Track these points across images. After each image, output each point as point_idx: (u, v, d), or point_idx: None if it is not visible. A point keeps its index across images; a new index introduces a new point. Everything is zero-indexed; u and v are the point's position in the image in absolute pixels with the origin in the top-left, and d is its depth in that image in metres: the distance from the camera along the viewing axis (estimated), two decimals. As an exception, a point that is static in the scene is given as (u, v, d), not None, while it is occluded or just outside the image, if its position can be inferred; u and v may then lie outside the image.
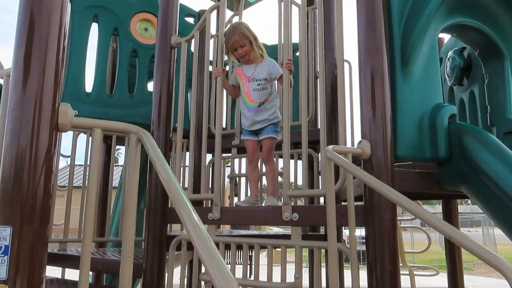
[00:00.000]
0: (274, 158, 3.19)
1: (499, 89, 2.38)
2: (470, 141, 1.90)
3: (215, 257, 0.84)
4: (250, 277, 2.51)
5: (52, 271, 2.94)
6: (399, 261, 1.89)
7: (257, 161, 2.80)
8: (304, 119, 2.19)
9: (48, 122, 1.27)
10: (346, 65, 3.75)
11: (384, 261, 1.76)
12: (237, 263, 2.40)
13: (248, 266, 2.27)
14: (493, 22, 2.28)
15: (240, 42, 2.62)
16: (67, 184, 3.15)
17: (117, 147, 3.86)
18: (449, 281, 3.64)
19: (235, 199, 4.36)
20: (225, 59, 3.85)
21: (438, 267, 6.55)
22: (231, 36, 2.62)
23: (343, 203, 2.42)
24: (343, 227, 3.27)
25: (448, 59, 3.03)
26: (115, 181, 5.18)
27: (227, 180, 4.51)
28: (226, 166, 4.92)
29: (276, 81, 2.69)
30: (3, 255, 1.15)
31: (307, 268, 3.82)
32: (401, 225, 5.74)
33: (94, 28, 3.50)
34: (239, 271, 2.36)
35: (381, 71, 1.94)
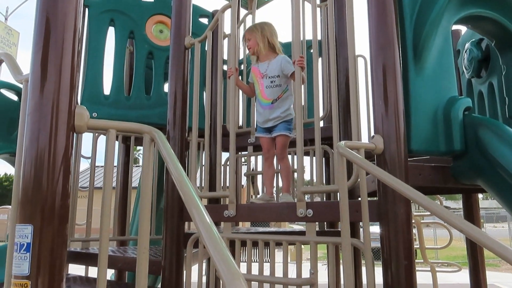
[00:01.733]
0: (289, 156, 3.20)
1: (517, 80, 2.33)
2: (486, 134, 1.86)
3: (222, 252, 0.86)
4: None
5: (76, 269, 3.04)
6: (415, 256, 1.87)
7: (272, 158, 2.82)
8: (317, 115, 2.19)
9: (65, 124, 1.32)
10: (361, 60, 3.72)
11: (399, 256, 1.75)
12: (254, 260, 2.42)
13: (265, 263, 2.29)
14: (509, 11, 2.22)
15: (247, 36, 2.77)
16: (89, 185, 3.25)
17: (138, 148, 3.95)
18: (471, 277, 3.58)
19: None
20: (240, 58, 3.89)
21: (461, 264, 6.42)
22: (245, 30, 2.82)
23: (359, 198, 2.42)
24: (360, 224, 3.27)
25: (466, 51, 2.97)
26: (136, 182, 5.30)
27: (244, 178, 4.55)
28: (243, 164, 4.96)
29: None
30: (25, 252, 1.21)
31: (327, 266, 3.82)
32: (423, 221, 5.64)
33: (111, 32, 3.59)
34: (255, 268, 2.39)
35: (393, 65, 1.93)
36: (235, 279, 0.76)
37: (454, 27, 3.16)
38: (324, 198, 3.34)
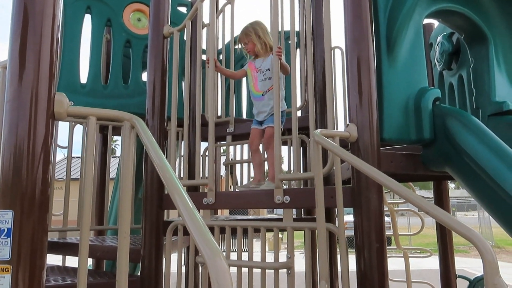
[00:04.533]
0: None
1: (483, 72, 2.44)
2: (453, 123, 1.96)
3: (203, 232, 0.91)
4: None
5: (53, 259, 3.03)
6: (389, 243, 1.97)
7: (255, 148, 2.91)
8: (294, 105, 2.25)
9: (45, 111, 1.33)
10: (338, 51, 3.80)
11: (371, 240, 1.84)
12: (232, 250, 2.48)
13: (243, 253, 2.35)
14: (478, 7, 2.33)
15: (243, 40, 2.86)
16: (65, 176, 3.22)
17: (114, 138, 3.92)
18: (440, 262, 3.74)
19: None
20: (219, 48, 3.90)
21: (433, 250, 6.67)
22: (240, 34, 2.88)
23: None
24: (335, 213, 3.36)
25: (438, 44, 3.08)
26: (113, 173, 5.25)
27: (224, 168, 4.59)
28: (222, 155, 4.99)
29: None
30: (6, 237, 1.22)
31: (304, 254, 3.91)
32: (397, 208, 5.83)
33: (87, 19, 3.53)
34: (234, 257, 2.44)
35: (367, 57, 2.00)
36: (216, 256, 0.81)
37: (428, 20, 3.28)
38: (302, 186, 3.42)
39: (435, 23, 3.58)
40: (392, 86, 2.08)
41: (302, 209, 3.84)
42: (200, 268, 2.82)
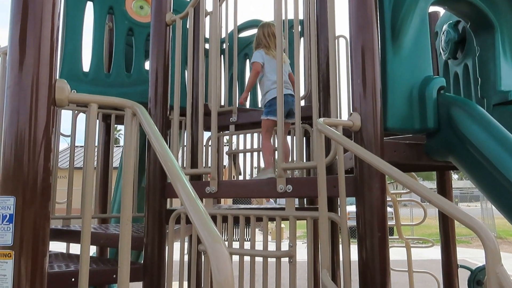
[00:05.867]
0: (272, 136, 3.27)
1: (489, 61, 2.41)
2: (457, 112, 1.94)
3: (204, 219, 0.91)
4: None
5: (57, 246, 3.05)
6: (392, 233, 1.96)
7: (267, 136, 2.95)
8: (297, 95, 2.23)
9: (46, 98, 1.32)
10: (343, 40, 3.76)
11: (373, 229, 1.83)
12: (235, 240, 2.49)
13: (245, 242, 2.36)
14: (484, -6, 2.29)
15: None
16: (68, 166, 3.23)
17: (118, 127, 3.92)
18: (442, 252, 3.74)
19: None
20: (222, 37, 3.87)
21: (435, 241, 6.68)
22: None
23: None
24: (338, 203, 3.36)
25: (443, 33, 3.03)
26: (116, 162, 5.26)
27: (226, 157, 4.59)
28: (225, 145, 4.99)
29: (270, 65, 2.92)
30: (8, 223, 1.23)
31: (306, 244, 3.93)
32: (399, 198, 5.83)
33: (89, 7, 3.50)
34: (236, 246, 2.45)
35: (371, 45, 1.97)
36: (216, 242, 0.80)
37: (433, 8, 3.23)
38: (304, 176, 3.42)
39: (441, 11, 3.53)
40: (396, 74, 2.05)
41: (305, 199, 3.84)
42: (202, 257, 2.84)
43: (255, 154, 3.99)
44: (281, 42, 2.23)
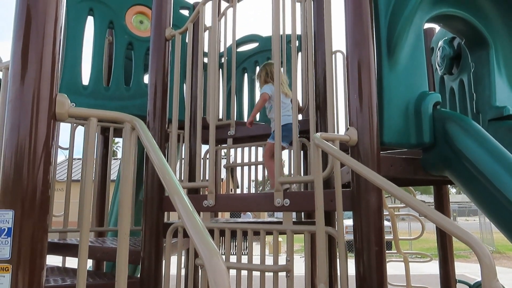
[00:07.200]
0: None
1: (484, 77, 2.45)
2: (453, 128, 1.97)
3: (201, 232, 0.91)
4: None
5: (53, 260, 3.03)
6: (390, 248, 1.97)
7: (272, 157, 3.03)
8: (295, 109, 2.26)
9: (46, 112, 1.34)
10: (340, 55, 3.81)
11: (370, 243, 1.84)
12: (232, 253, 2.48)
13: (242, 256, 2.36)
14: (478, 11, 2.33)
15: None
16: (66, 178, 3.23)
17: (116, 140, 3.94)
18: (440, 267, 3.73)
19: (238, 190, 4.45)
20: (221, 51, 3.91)
21: (434, 255, 6.66)
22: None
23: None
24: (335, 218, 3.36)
25: (439, 49, 3.08)
26: (114, 175, 5.25)
27: (224, 171, 4.59)
28: (223, 158, 4.99)
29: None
30: (6, 236, 1.23)
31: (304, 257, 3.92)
32: (397, 213, 5.82)
33: (90, 21, 3.54)
34: (233, 260, 2.44)
35: (367, 61, 2.01)
36: (213, 256, 0.81)
37: (429, 25, 3.28)
38: (302, 190, 3.42)
39: (437, 27, 3.59)
40: (392, 90, 2.08)
41: (302, 213, 3.84)
42: (199, 271, 2.82)
43: (253, 167, 4.00)
44: (279, 57, 2.26)
